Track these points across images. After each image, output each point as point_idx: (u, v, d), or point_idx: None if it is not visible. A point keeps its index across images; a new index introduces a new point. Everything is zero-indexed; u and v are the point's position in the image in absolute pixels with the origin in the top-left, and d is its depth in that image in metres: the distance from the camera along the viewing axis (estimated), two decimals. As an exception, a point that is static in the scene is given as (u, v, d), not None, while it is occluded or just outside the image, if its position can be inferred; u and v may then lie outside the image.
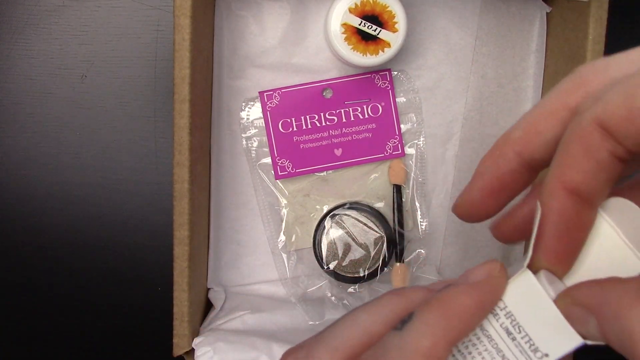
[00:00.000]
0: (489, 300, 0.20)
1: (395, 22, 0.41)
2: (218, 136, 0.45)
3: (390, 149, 0.46)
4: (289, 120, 0.45)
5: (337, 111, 0.45)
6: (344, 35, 0.40)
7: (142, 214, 0.48)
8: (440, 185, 0.47)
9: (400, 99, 0.46)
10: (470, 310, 0.20)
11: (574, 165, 0.18)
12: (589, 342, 0.19)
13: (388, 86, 0.45)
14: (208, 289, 0.46)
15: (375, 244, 0.44)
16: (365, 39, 0.41)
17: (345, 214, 0.45)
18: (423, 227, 0.46)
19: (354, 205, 0.45)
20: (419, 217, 0.46)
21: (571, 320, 0.19)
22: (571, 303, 0.19)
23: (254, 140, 0.45)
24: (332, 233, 0.45)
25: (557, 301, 0.19)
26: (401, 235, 0.45)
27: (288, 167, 0.45)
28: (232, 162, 0.45)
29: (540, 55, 0.46)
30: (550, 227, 0.19)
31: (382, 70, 0.45)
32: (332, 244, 0.45)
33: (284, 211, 0.46)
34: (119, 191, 0.47)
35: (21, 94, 0.47)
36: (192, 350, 0.40)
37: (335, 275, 0.45)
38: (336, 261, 0.44)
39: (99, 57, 0.46)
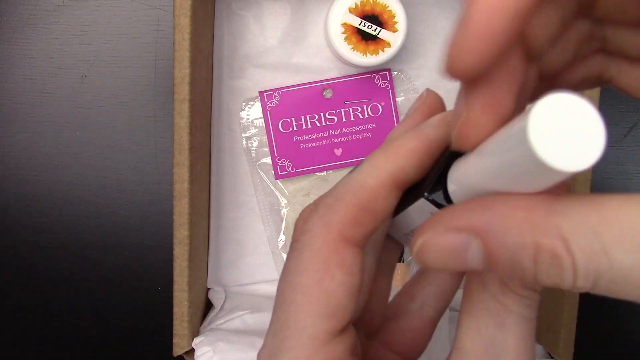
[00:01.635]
0: (435, 145, 0.20)
1: (395, 22, 0.41)
2: (218, 136, 0.45)
3: (390, 149, 0.46)
4: (289, 120, 0.45)
5: (337, 111, 0.45)
6: (344, 35, 0.40)
7: (142, 214, 0.48)
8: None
9: (400, 99, 0.46)
10: (417, 153, 0.20)
11: None
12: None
13: (388, 86, 0.45)
14: (208, 289, 0.46)
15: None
16: (365, 38, 0.41)
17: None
18: (423, 227, 0.46)
19: (354, 205, 0.45)
20: (419, 217, 0.46)
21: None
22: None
23: (254, 140, 0.45)
24: (332, 233, 0.45)
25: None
26: (401, 235, 0.45)
27: (288, 167, 0.45)
28: (232, 162, 0.45)
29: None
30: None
31: (382, 70, 0.45)
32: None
33: (284, 211, 0.46)
34: (119, 191, 0.47)
35: (21, 94, 0.47)
36: (192, 350, 0.40)
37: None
38: (336, 261, 0.44)
39: (99, 57, 0.46)
